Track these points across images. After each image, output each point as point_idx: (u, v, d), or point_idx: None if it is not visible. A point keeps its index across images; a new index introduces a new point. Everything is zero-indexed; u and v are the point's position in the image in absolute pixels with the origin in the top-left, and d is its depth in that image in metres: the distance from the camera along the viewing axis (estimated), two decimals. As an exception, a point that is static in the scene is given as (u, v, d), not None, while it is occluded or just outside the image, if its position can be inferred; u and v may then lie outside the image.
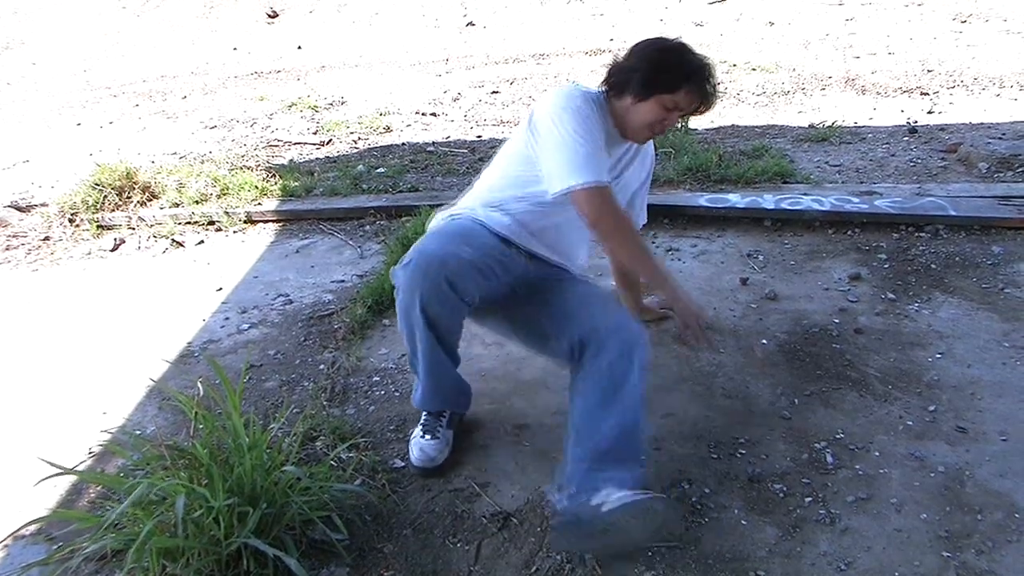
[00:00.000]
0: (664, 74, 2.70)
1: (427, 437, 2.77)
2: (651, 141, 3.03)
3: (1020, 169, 4.96)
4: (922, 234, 4.20)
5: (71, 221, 5.26)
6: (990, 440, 2.65)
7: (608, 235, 2.62)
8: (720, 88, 2.80)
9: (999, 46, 7.49)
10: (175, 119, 7.45)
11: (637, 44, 2.79)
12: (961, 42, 7.71)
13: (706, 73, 2.71)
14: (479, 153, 5.95)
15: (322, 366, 3.42)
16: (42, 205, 5.59)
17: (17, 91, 8.94)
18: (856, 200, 4.50)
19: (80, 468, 2.73)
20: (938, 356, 3.15)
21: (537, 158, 2.67)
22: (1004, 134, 5.61)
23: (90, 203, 5.28)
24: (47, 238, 5.20)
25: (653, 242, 4.34)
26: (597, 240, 2.71)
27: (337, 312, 3.89)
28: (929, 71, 6.97)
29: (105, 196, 5.31)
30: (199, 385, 2.63)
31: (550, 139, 2.60)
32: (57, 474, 2.18)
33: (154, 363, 3.54)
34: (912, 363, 3.12)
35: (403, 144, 6.43)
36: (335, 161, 6.08)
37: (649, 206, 3.32)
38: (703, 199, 4.66)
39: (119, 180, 5.37)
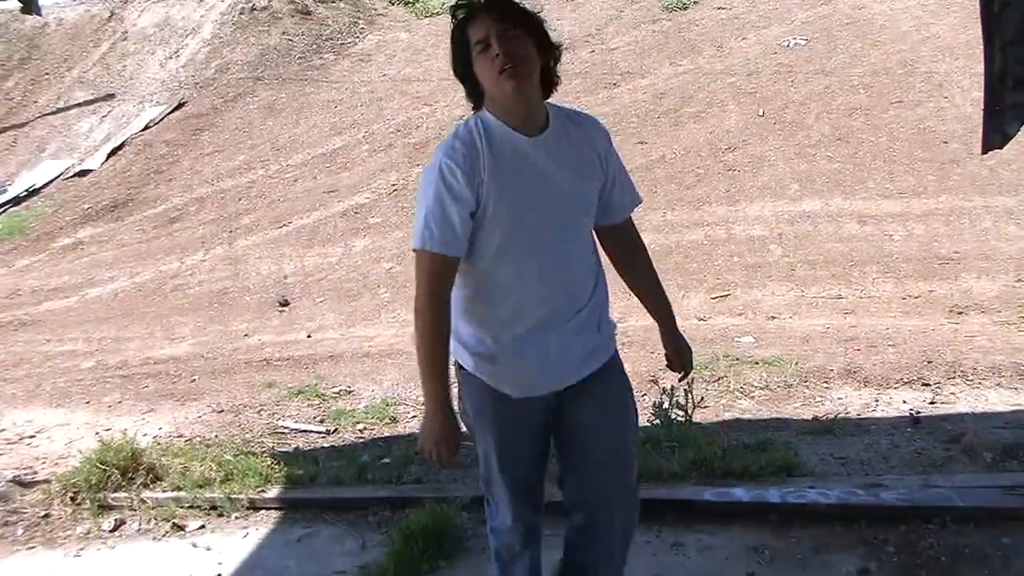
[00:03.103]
0: (454, 44, 2.71)
1: None
2: (604, 129, 2.96)
3: (1026, 459, 4.96)
4: (930, 526, 4.15)
5: (73, 499, 5.23)
6: None
7: (415, 308, 2.69)
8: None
9: (994, 336, 7.63)
10: (183, 402, 7.52)
11: None
12: (959, 333, 7.86)
13: None
14: (484, 444, 5.96)
15: (319, 660, 3.35)
16: (44, 482, 5.57)
17: (30, 367, 9.07)
18: (862, 493, 4.48)
19: None
20: (954, 654, 3.07)
21: None
22: (1007, 423, 5.63)
23: (93, 482, 5.25)
24: (47, 515, 5.16)
25: (658, 536, 4.28)
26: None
27: (336, 604, 3.82)
28: (929, 362, 7.07)
29: (109, 476, 5.29)
30: None
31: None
32: None
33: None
34: (926, 662, 3.03)
35: (409, 435, 6.44)
36: (340, 450, 6.09)
37: (654, 501, 3.37)
38: (708, 493, 4.64)
39: (123, 460, 5.35)
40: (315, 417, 6.95)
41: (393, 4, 20.88)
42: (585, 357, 2.87)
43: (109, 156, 15.89)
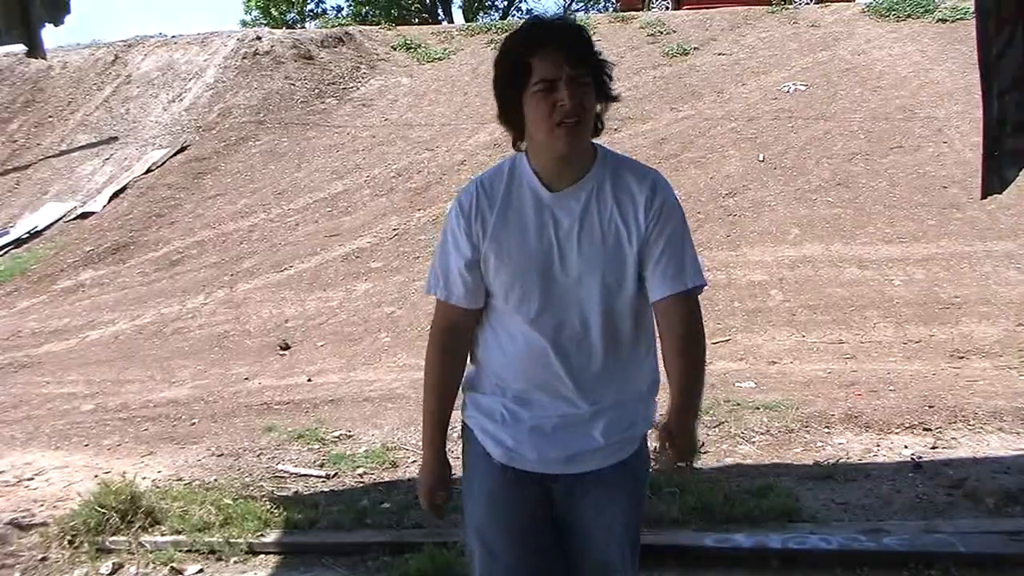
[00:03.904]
0: (509, 67, 2.37)
1: None
2: (658, 188, 2.50)
3: (1028, 504, 4.94)
4: (932, 572, 4.13)
5: (71, 543, 5.19)
6: None
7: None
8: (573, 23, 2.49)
9: (995, 380, 7.63)
10: (183, 445, 7.48)
11: None
12: (960, 378, 7.85)
13: (543, 21, 2.41)
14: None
15: None
16: (42, 525, 5.53)
17: (29, 409, 9.01)
18: (863, 538, 4.46)
19: None
20: None
21: None
22: (1009, 468, 5.61)
23: (91, 525, 5.22)
24: (44, 559, 5.12)
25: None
26: None
27: (334, 650, 3.79)
28: (931, 407, 7.05)
29: (107, 519, 5.26)
30: None
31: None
32: None
33: None
34: None
35: (409, 480, 6.40)
36: (340, 495, 6.06)
37: (653, 547, 3.28)
38: (709, 539, 4.61)
39: (122, 503, 5.32)
40: (315, 461, 6.92)
41: (395, 49, 21.04)
42: (581, 454, 2.58)
43: (111, 199, 15.93)
